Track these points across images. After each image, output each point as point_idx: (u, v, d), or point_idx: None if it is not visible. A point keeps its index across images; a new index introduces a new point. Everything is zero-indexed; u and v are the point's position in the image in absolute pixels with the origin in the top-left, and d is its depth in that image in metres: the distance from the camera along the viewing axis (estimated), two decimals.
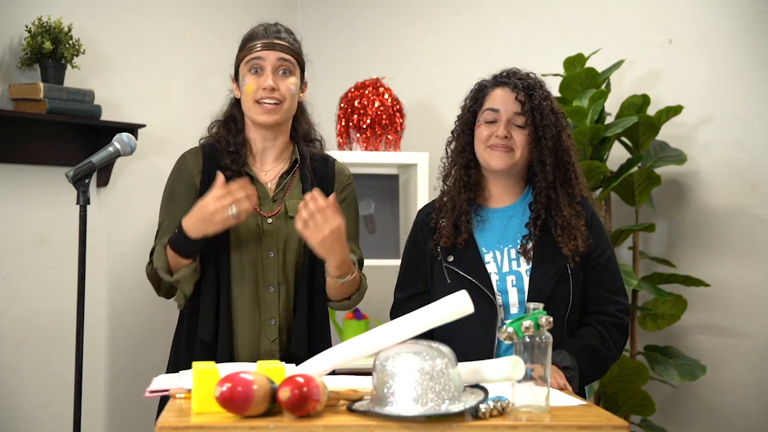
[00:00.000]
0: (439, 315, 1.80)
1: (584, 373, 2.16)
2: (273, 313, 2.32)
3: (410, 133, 3.67)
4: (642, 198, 3.30)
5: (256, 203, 2.32)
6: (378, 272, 3.38)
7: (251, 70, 2.33)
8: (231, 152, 2.36)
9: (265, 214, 2.34)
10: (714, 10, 3.37)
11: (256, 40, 2.34)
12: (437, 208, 2.33)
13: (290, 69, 2.34)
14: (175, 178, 2.39)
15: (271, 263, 2.32)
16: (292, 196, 2.38)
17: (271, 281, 2.32)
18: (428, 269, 2.31)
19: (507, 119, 2.23)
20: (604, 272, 2.26)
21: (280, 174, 2.39)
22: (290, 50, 2.35)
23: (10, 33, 2.97)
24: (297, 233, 2.27)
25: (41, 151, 3.06)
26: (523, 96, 2.23)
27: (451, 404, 1.60)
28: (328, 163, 2.45)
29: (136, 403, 3.32)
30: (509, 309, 2.20)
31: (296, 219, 2.15)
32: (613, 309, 2.25)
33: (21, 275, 3.03)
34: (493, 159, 2.23)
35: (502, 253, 2.25)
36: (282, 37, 2.35)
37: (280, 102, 2.31)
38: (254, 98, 2.31)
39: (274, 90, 2.30)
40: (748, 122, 3.30)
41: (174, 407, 1.71)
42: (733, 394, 3.32)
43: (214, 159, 2.36)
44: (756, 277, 3.28)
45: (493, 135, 2.23)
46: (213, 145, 2.40)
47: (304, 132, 2.46)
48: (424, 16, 3.98)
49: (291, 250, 2.34)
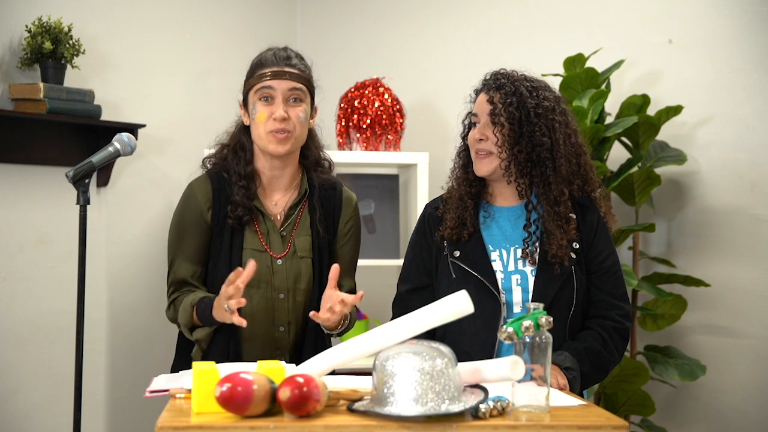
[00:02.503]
0: (439, 315, 1.80)
1: (585, 375, 2.16)
2: (283, 351, 2.34)
3: (410, 133, 3.67)
4: (642, 198, 3.30)
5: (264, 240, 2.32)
6: (378, 272, 3.38)
7: (262, 98, 2.29)
8: (241, 186, 2.32)
9: (274, 255, 2.33)
10: (714, 10, 3.37)
11: (266, 67, 2.31)
12: (444, 201, 2.34)
13: (301, 97, 2.31)
14: (184, 211, 2.37)
15: (281, 304, 2.33)
16: (301, 233, 2.36)
17: (281, 322, 2.33)
18: (433, 263, 2.30)
19: (483, 122, 2.23)
20: (607, 277, 2.26)
21: (288, 205, 2.38)
22: (301, 78, 2.32)
23: (10, 33, 2.97)
24: (307, 273, 2.31)
25: (41, 151, 3.06)
26: (493, 96, 2.21)
27: (451, 404, 1.60)
28: (336, 193, 2.43)
29: (136, 403, 3.32)
30: (513, 308, 2.20)
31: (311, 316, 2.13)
32: (615, 314, 2.24)
33: (21, 275, 3.03)
34: (476, 166, 2.25)
35: (509, 253, 2.24)
36: (293, 64, 2.32)
37: (290, 132, 2.29)
38: (266, 129, 2.28)
39: (285, 120, 2.27)
40: (748, 122, 3.30)
41: (174, 407, 1.71)
42: (733, 394, 3.32)
43: (223, 191, 2.33)
44: (756, 277, 3.28)
45: (473, 139, 2.24)
46: (221, 174, 2.37)
47: (314, 158, 2.44)
48: (424, 16, 3.97)
49: (300, 290, 2.34)
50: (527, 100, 2.19)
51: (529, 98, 2.19)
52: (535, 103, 2.20)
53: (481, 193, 2.31)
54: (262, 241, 2.33)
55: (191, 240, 2.31)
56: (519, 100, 2.19)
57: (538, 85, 2.25)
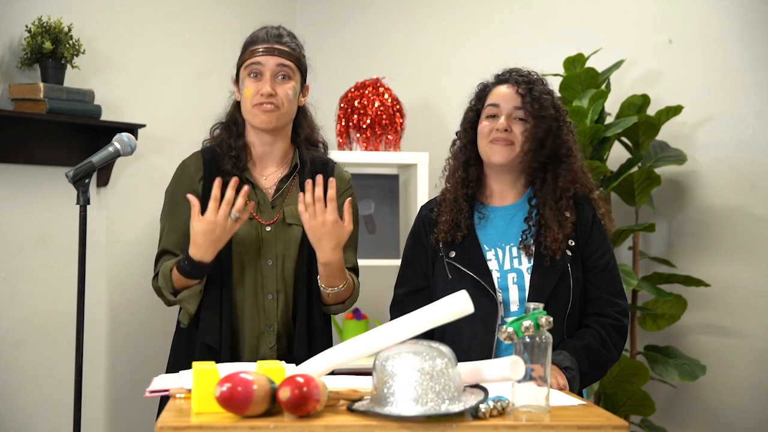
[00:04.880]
0: (439, 315, 1.80)
1: (584, 374, 2.16)
2: (272, 320, 2.33)
3: (410, 133, 3.67)
4: (642, 198, 3.30)
5: (254, 210, 2.34)
6: (378, 272, 3.38)
7: (251, 74, 2.34)
8: (232, 156, 2.37)
9: (263, 222, 2.35)
10: (714, 10, 3.37)
11: (257, 44, 2.35)
12: (438, 203, 2.34)
13: (289, 74, 2.35)
14: (176, 184, 2.40)
15: (269, 271, 2.34)
16: (291, 202, 2.39)
17: (269, 289, 2.33)
18: (429, 265, 2.31)
19: (507, 113, 2.24)
20: (603, 274, 2.27)
21: (279, 179, 2.40)
22: (290, 55, 2.35)
23: (10, 33, 2.97)
24: (295, 240, 2.31)
25: (41, 151, 3.06)
26: (524, 89, 2.24)
27: (451, 404, 1.60)
28: (328, 168, 2.46)
29: (136, 403, 3.31)
30: (510, 306, 2.21)
31: (299, 201, 2.20)
32: (613, 311, 2.25)
33: (21, 275, 3.03)
34: (494, 153, 2.24)
35: (504, 251, 2.25)
36: (283, 42, 2.36)
37: (277, 107, 2.32)
38: (252, 103, 2.33)
39: (272, 95, 2.31)
40: (748, 122, 3.30)
41: (174, 407, 1.71)
42: (733, 395, 3.32)
43: (215, 163, 2.37)
44: (756, 277, 3.28)
45: (494, 129, 2.24)
46: (213, 149, 2.41)
47: (306, 136, 2.47)
48: (424, 16, 3.98)
49: (290, 257, 2.35)
50: (555, 100, 2.28)
51: (555, 99, 2.28)
52: (559, 103, 2.29)
53: (476, 194, 2.32)
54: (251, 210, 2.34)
55: (182, 212, 2.32)
56: (551, 99, 2.26)
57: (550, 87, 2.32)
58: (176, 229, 2.35)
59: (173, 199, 2.39)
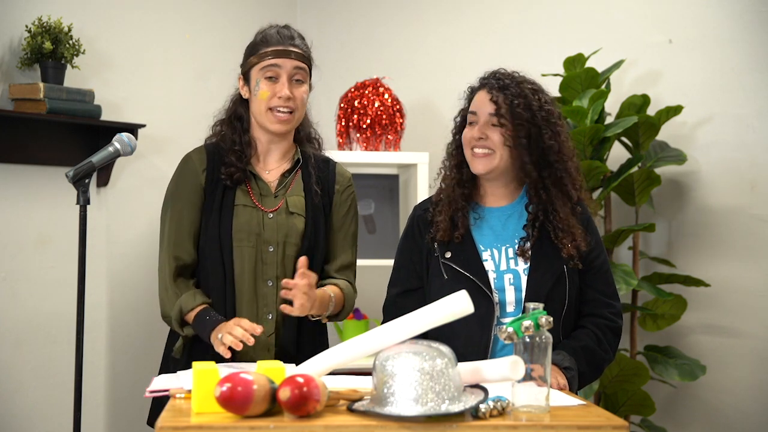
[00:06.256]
0: (439, 315, 1.80)
1: (582, 374, 2.16)
2: (270, 307, 2.33)
3: (410, 133, 3.67)
4: (642, 198, 3.30)
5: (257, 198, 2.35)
6: (378, 272, 3.38)
7: (267, 77, 2.34)
8: (236, 150, 2.37)
9: (265, 209, 2.35)
10: (714, 10, 3.37)
11: (270, 45, 2.35)
12: (434, 203, 2.33)
13: (304, 78, 2.37)
14: (179, 175, 2.41)
15: (270, 258, 2.34)
16: (294, 192, 2.40)
17: (269, 275, 2.34)
18: (423, 265, 2.30)
19: (483, 121, 2.22)
20: (598, 275, 2.27)
21: (282, 173, 2.42)
22: (304, 57, 2.37)
23: (10, 33, 2.97)
24: (297, 228, 2.31)
25: (41, 151, 3.06)
26: (497, 96, 2.21)
27: (451, 404, 1.60)
28: (329, 165, 2.48)
29: (136, 403, 3.31)
30: (506, 307, 2.20)
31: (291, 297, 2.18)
32: (608, 312, 2.26)
33: (21, 275, 3.03)
34: (475, 164, 2.24)
35: (500, 252, 2.25)
36: (296, 44, 2.37)
37: (293, 111, 2.34)
38: (268, 105, 2.33)
39: (290, 98, 2.33)
40: (748, 122, 3.30)
41: (174, 407, 1.71)
42: (733, 394, 3.32)
43: (218, 157, 2.39)
44: (756, 277, 3.28)
45: (472, 137, 2.23)
46: (217, 144, 2.42)
47: (306, 133, 2.50)
48: (424, 16, 3.98)
49: (291, 244, 2.36)
50: (532, 102, 2.21)
51: (533, 100, 2.21)
52: (538, 105, 2.22)
53: (471, 194, 2.31)
54: (253, 198, 2.36)
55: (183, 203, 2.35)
56: (525, 102, 2.20)
57: (538, 87, 2.27)
58: (179, 225, 2.35)
59: (176, 189, 2.40)
